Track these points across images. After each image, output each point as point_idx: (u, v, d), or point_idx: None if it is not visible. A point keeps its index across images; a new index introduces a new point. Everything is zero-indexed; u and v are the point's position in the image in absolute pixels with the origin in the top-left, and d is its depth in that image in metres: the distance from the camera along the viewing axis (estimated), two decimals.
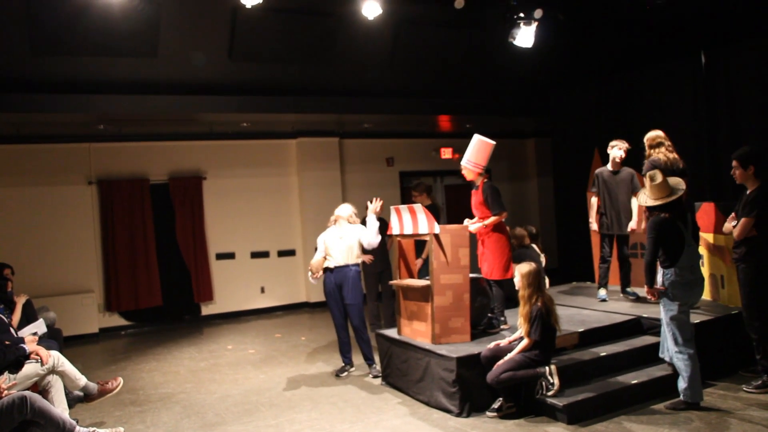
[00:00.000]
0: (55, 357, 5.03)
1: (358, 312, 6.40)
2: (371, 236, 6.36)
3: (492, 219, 5.78)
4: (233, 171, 10.85)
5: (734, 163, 5.21)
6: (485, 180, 5.93)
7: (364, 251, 6.86)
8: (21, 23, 7.38)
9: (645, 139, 6.23)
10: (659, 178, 4.89)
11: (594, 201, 6.92)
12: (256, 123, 10.40)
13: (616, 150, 6.82)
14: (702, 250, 6.41)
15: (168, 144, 10.39)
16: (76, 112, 8.48)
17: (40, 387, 4.95)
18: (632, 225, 6.63)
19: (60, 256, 9.59)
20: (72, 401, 5.39)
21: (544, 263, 7.24)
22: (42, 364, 4.93)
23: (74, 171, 9.78)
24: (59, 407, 4.84)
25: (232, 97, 9.19)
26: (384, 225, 6.92)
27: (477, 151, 5.87)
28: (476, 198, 5.91)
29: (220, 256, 10.71)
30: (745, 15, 7.73)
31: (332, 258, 6.38)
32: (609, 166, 6.89)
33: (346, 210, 6.54)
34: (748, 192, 5.18)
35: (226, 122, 10.25)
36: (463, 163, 5.94)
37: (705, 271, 6.36)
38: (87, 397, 5.29)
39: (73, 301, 9.39)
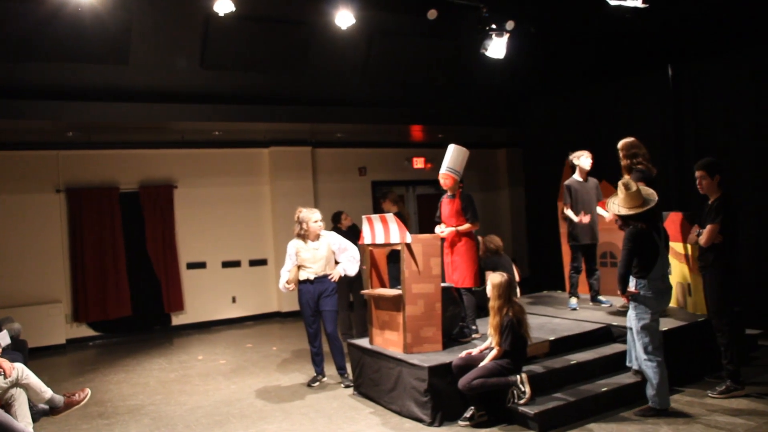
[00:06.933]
0: (19, 369, 4.90)
1: (333, 319, 6.39)
2: (353, 270, 6.49)
3: (466, 226, 5.83)
4: (205, 180, 10.76)
5: (700, 173, 5.30)
6: (461, 189, 6.00)
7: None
8: None
9: (620, 147, 6.16)
10: (633, 186, 4.95)
11: (570, 212, 6.83)
12: (228, 132, 10.35)
13: (585, 159, 6.90)
14: (670, 258, 6.52)
15: (138, 152, 10.27)
16: (45, 119, 8.34)
17: (2, 400, 4.81)
18: (608, 216, 6.36)
19: (26, 266, 9.39)
20: (37, 415, 5.24)
21: (516, 275, 7.29)
22: (5, 377, 4.79)
23: (42, 179, 9.60)
24: (23, 421, 4.72)
25: (204, 105, 9.12)
26: (357, 233, 6.91)
27: (455, 159, 5.95)
28: (452, 206, 5.94)
29: (191, 266, 10.59)
30: (710, 30, 7.93)
31: (310, 269, 6.34)
32: (578, 177, 6.97)
33: (317, 221, 6.39)
34: (710, 201, 5.29)
35: (198, 131, 10.16)
36: (443, 171, 5.99)
37: (672, 279, 6.47)
38: (53, 410, 5.16)
39: (40, 311, 9.18)
